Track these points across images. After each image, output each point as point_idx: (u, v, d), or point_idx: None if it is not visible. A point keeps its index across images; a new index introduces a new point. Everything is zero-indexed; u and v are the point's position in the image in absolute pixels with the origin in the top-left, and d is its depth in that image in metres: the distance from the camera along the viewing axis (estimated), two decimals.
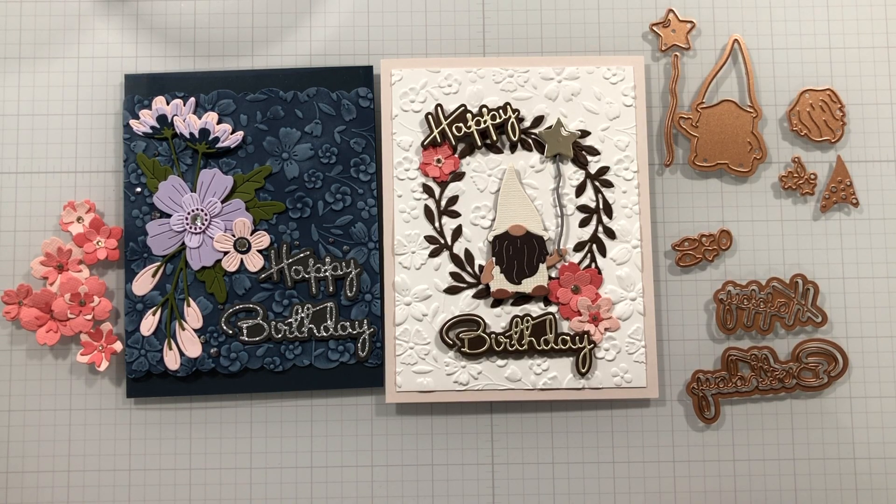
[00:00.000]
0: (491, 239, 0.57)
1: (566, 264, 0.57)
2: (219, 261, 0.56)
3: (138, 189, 0.57)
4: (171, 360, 0.56)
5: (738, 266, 0.58)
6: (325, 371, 0.56)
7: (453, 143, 0.57)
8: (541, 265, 0.56)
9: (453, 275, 0.57)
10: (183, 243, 0.56)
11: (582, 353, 0.56)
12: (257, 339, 0.56)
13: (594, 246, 0.57)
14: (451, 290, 0.56)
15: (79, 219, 0.57)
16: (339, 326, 0.56)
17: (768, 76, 0.59)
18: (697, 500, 0.57)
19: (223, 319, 0.56)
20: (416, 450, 0.57)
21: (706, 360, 0.58)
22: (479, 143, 0.57)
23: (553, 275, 0.57)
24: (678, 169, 0.59)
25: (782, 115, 0.59)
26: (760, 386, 0.57)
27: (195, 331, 0.56)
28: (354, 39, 0.59)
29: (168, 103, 0.57)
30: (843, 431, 0.57)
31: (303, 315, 0.56)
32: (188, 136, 0.57)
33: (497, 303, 0.56)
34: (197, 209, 0.56)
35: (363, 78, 0.58)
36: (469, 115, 0.57)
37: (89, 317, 0.56)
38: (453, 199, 0.57)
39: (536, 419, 0.57)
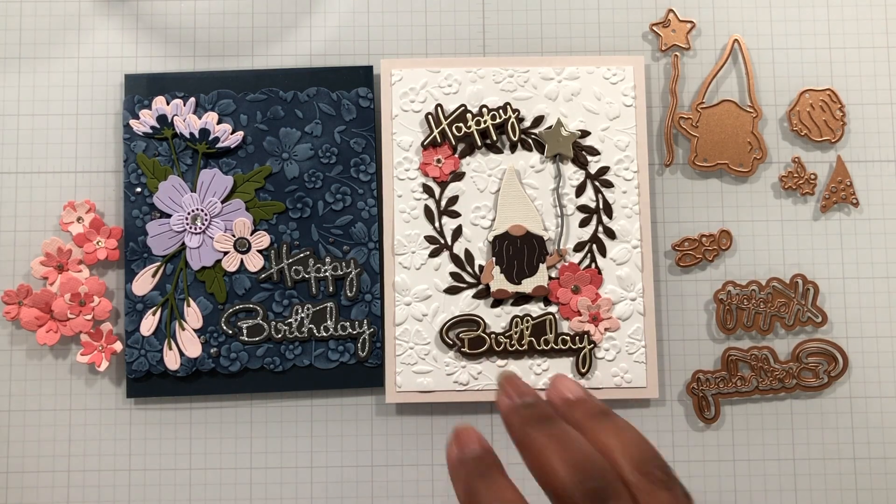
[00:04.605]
0: (491, 239, 0.57)
1: (566, 264, 0.57)
2: (219, 261, 0.56)
3: (138, 189, 0.57)
4: (171, 360, 0.56)
5: (738, 266, 0.58)
6: (325, 371, 0.56)
7: (453, 143, 0.57)
8: (541, 265, 0.56)
9: (453, 275, 0.57)
10: (183, 243, 0.56)
11: (582, 353, 0.56)
12: (257, 339, 0.56)
13: (594, 246, 0.57)
14: (451, 290, 0.56)
15: (79, 219, 0.57)
16: (339, 326, 0.56)
17: (768, 76, 0.59)
18: (697, 500, 0.57)
19: (223, 319, 0.56)
20: (416, 450, 0.57)
21: (706, 360, 0.58)
22: (479, 143, 0.57)
23: (553, 275, 0.57)
24: (678, 169, 0.59)
25: (782, 115, 0.59)
26: (760, 386, 0.57)
27: (195, 331, 0.56)
28: (354, 39, 0.59)
29: (168, 103, 0.57)
30: (843, 431, 0.57)
31: (303, 315, 0.56)
32: (188, 136, 0.57)
33: (497, 303, 0.56)
34: (197, 209, 0.56)
35: (363, 78, 0.58)
36: (469, 115, 0.57)
37: (89, 317, 0.56)
38: (453, 199, 0.57)
39: None
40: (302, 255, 0.57)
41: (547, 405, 0.30)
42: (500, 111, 0.57)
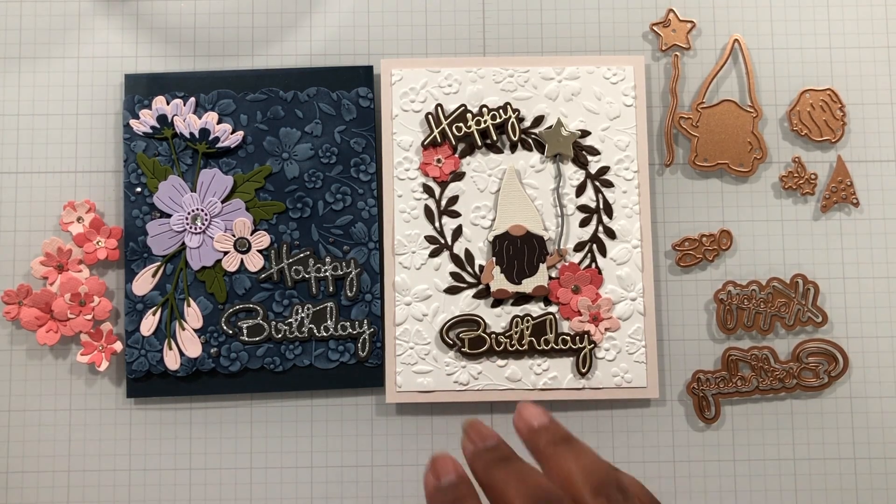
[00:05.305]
0: (491, 239, 0.57)
1: (566, 264, 0.56)
2: (219, 261, 0.56)
3: (138, 189, 0.57)
4: (172, 360, 0.56)
5: (738, 266, 0.58)
6: (325, 371, 0.56)
7: (453, 143, 0.57)
8: (541, 265, 0.56)
9: (453, 275, 0.57)
10: (183, 243, 0.56)
11: (582, 353, 0.56)
12: (257, 339, 0.56)
13: (594, 246, 0.57)
14: (451, 290, 0.56)
15: (79, 219, 0.57)
16: (339, 326, 0.56)
17: (768, 76, 0.59)
18: (697, 500, 0.57)
19: (223, 319, 0.56)
20: (416, 450, 0.57)
21: (706, 360, 0.58)
22: (480, 143, 0.57)
23: (553, 275, 0.57)
24: (678, 169, 0.59)
25: (782, 115, 0.59)
26: (761, 386, 0.57)
27: (195, 331, 0.56)
28: (354, 39, 0.59)
29: (168, 103, 0.57)
30: (843, 431, 0.57)
31: (303, 315, 0.56)
32: (188, 136, 0.57)
33: (497, 303, 0.56)
34: (197, 209, 0.56)
35: (363, 78, 0.58)
36: (469, 115, 0.57)
37: (89, 317, 0.56)
38: (453, 199, 0.57)
39: None
40: (302, 255, 0.57)
41: (508, 446, 0.32)
42: (500, 111, 0.57)
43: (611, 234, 0.57)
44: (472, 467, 0.32)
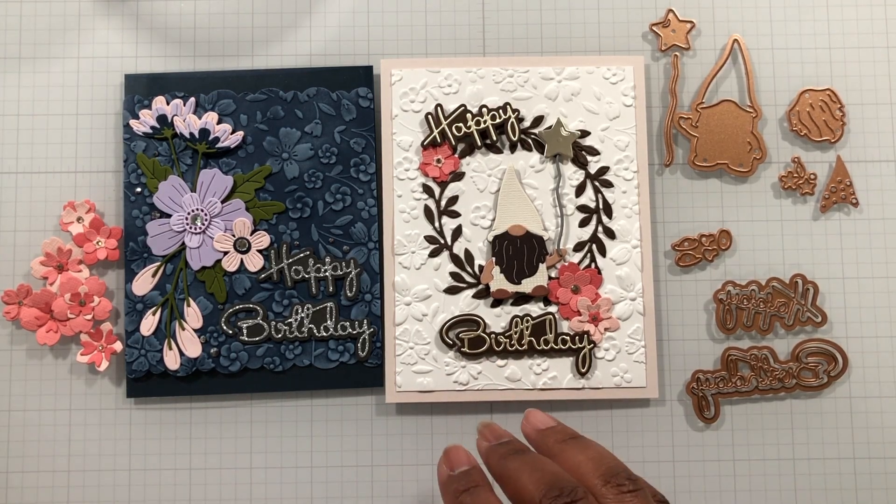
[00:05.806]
0: (491, 239, 0.57)
1: (566, 264, 0.57)
2: (219, 261, 0.56)
3: (138, 189, 0.57)
4: (171, 360, 0.56)
5: (738, 266, 0.58)
6: (325, 371, 0.56)
7: (453, 143, 0.57)
8: (541, 265, 0.56)
9: (453, 275, 0.57)
10: (183, 243, 0.56)
11: (582, 353, 0.56)
12: (257, 339, 0.56)
13: (594, 246, 0.57)
14: (451, 290, 0.56)
15: (79, 219, 0.57)
16: (339, 326, 0.56)
17: (768, 76, 0.59)
18: (697, 500, 0.57)
19: (223, 319, 0.56)
20: (416, 450, 0.57)
21: (706, 360, 0.58)
22: (479, 143, 0.57)
23: (553, 275, 0.57)
24: (678, 169, 0.59)
25: (782, 115, 0.59)
26: (760, 386, 0.57)
27: (195, 331, 0.56)
28: (354, 39, 0.59)
29: (168, 103, 0.57)
30: (843, 431, 0.57)
31: (303, 315, 0.56)
32: (188, 136, 0.57)
33: (497, 303, 0.56)
34: (197, 209, 0.57)
35: (363, 78, 0.58)
36: (469, 115, 0.57)
37: (89, 317, 0.56)
38: (453, 199, 0.57)
39: None
40: (302, 255, 0.57)
41: (521, 442, 0.33)
42: (500, 111, 0.57)
43: (610, 234, 0.57)
44: (487, 461, 0.33)
